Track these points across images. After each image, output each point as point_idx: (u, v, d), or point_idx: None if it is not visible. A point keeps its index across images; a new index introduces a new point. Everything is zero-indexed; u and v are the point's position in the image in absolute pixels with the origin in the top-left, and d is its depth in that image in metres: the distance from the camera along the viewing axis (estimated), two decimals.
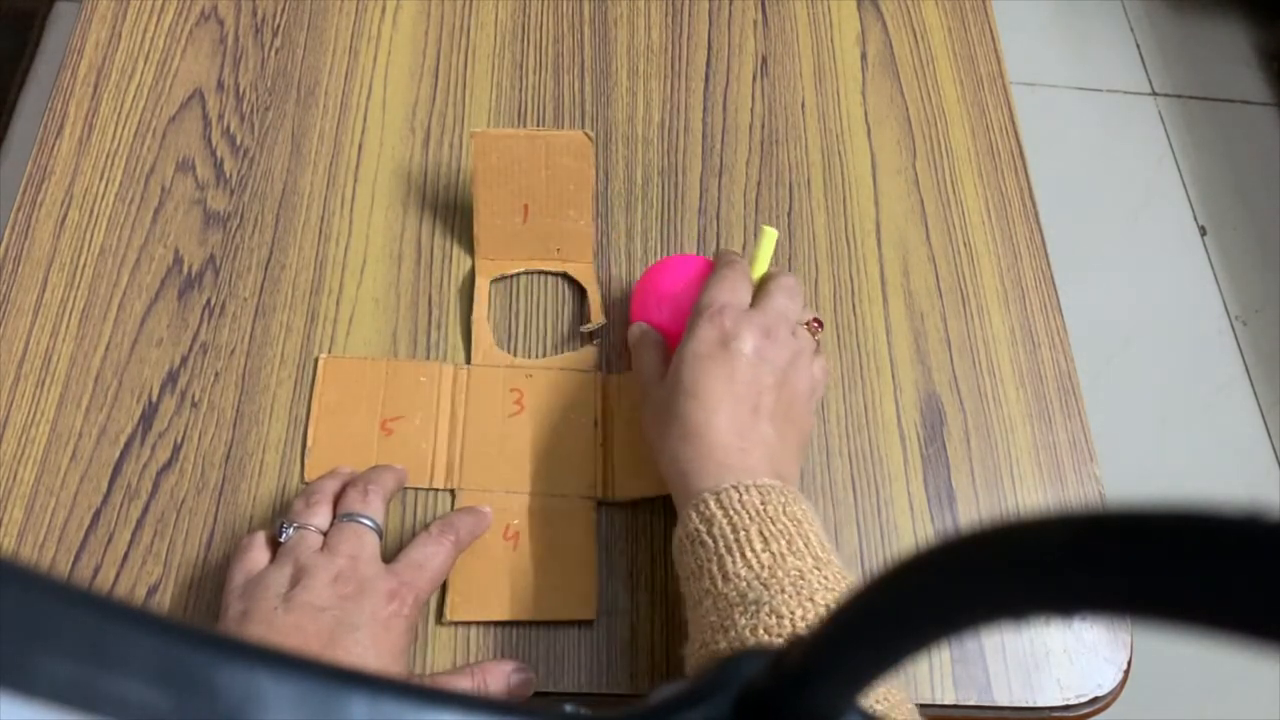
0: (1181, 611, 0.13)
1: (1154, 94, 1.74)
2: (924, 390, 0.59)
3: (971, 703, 0.50)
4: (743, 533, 0.41)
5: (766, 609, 0.39)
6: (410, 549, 0.47)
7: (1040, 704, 0.50)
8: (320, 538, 0.46)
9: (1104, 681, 0.51)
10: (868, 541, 0.54)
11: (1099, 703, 0.51)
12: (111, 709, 0.14)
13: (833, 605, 0.38)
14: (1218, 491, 1.39)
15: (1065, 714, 0.50)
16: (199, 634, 0.15)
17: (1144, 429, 1.42)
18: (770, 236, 0.53)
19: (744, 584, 0.40)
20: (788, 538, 0.41)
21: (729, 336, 0.47)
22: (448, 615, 0.49)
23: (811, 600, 0.39)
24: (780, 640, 0.38)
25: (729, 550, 0.41)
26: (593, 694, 0.49)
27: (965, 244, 0.64)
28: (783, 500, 0.42)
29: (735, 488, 0.42)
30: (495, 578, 0.51)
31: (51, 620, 0.14)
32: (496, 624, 0.50)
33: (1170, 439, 1.42)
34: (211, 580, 0.50)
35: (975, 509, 0.56)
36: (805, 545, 0.41)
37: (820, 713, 0.20)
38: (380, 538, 0.47)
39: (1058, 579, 0.14)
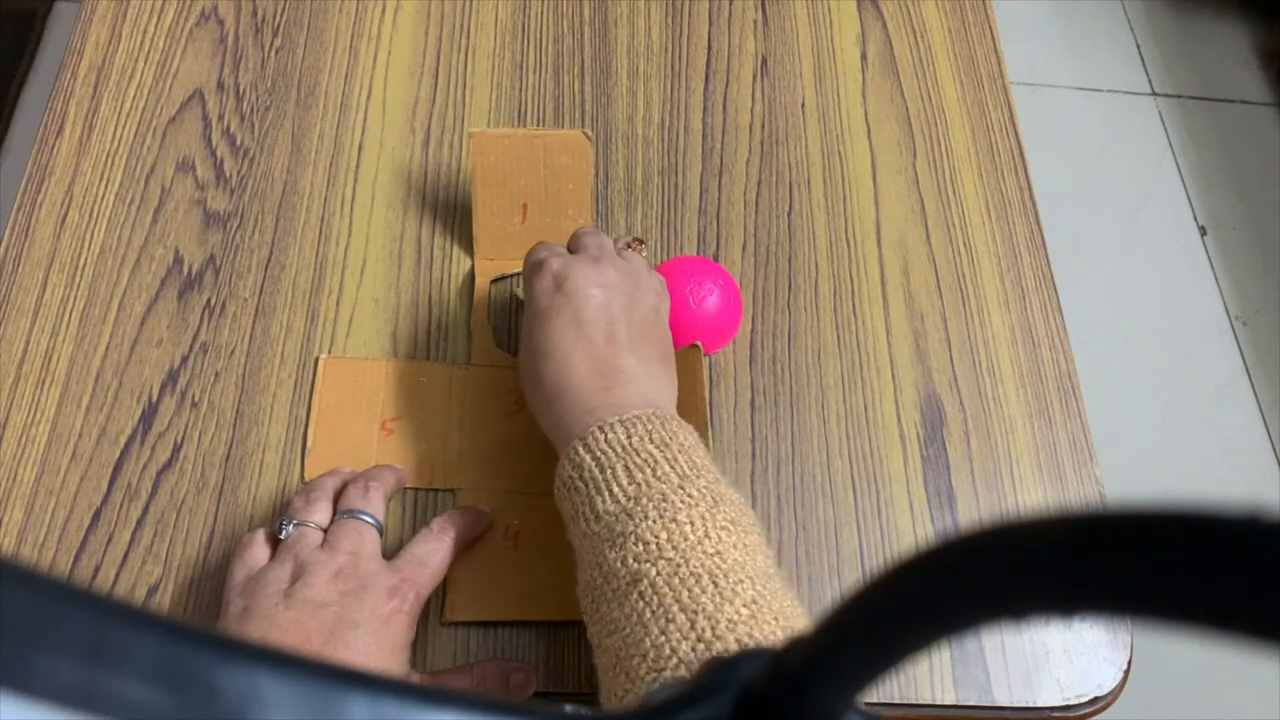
0: (1181, 611, 0.13)
1: (1154, 94, 1.74)
2: (924, 390, 0.59)
3: (971, 703, 0.50)
4: (608, 470, 0.41)
5: (633, 538, 0.39)
6: (411, 545, 0.47)
7: (1040, 704, 0.50)
8: (321, 534, 0.46)
9: (1104, 681, 0.51)
10: (868, 541, 0.54)
11: (1099, 703, 0.51)
12: (111, 709, 0.14)
13: (696, 521, 0.39)
14: (1218, 491, 1.39)
15: (1065, 714, 0.50)
16: (199, 634, 0.15)
17: (1144, 429, 1.42)
18: None
19: (612, 519, 0.40)
20: (652, 464, 0.41)
21: (560, 278, 0.47)
22: (447, 615, 0.49)
23: (675, 520, 0.39)
24: (648, 564, 0.38)
25: (598, 490, 0.41)
26: (593, 694, 0.49)
27: (965, 244, 0.64)
28: (649, 429, 0.42)
29: (600, 427, 0.42)
30: (495, 578, 0.51)
31: (51, 620, 0.14)
32: (496, 624, 0.50)
33: (1170, 439, 1.42)
34: (211, 580, 0.50)
35: (975, 509, 0.56)
36: (672, 467, 0.41)
37: (820, 713, 0.20)
38: (381, 534, 0.47)
39: (1058, 579, 0.14)
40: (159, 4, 0.68)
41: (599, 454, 0.42)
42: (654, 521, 0.39)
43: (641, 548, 0.39)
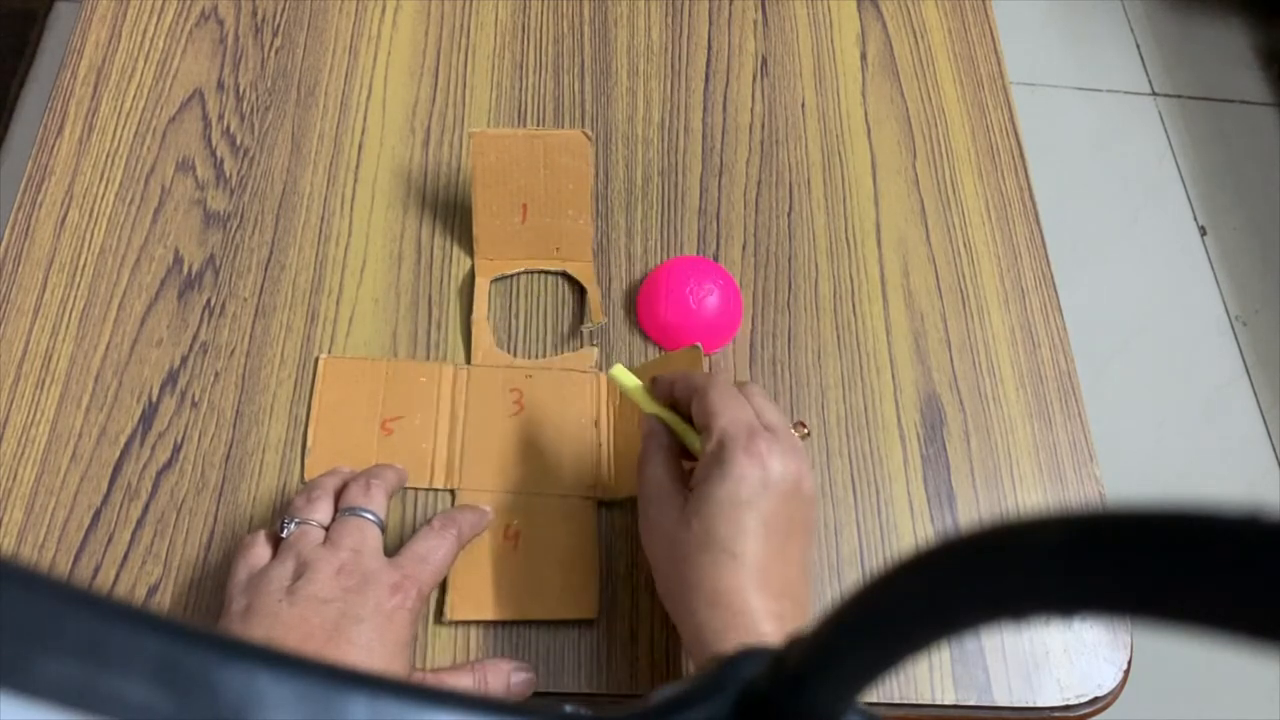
0: (1181, 611, 0.13)
1: (1154, 94, 1.74)
2: (924, 390, 0.59)
3: (971, 703, 0.50)
4: None
5: None
6: (413, 542, 0.47)
7: (1040, 704, 0.50)
8: (322, 532, 0.46)
9: (1104, 681, 0.51)
10: (868, 541, 0.54)
11: (1099, 703, 0.51)
12: (111, 709, 0.14)
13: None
14: (1218, 491, 1.39)
15: (1065, 714, 0.50)
16: (199, 634, 0.15)
17: (1144, 429, 1.42)
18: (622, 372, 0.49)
19: None
20: None
21: (769, 471, 0.41)
22: (448, 615, 0.49)
23: None
24: None
25: None
26: (593, 694, 0.49)
27: (965, 244, 0.64)
28: None
29: None
30: (495, 578, 0.51)
31: (51, 620, 0.14)
32: (496, 624, 0.50)
33: (1170, 439, 1.42)
34: (211, 580, 0.50)
35: (975, 509, 0.56)
36: None
37: (820, 713, 0.20)
38: (383, 531, 0.47)
39: (1057, 579, 0.14)
40: (159, 4, 0.68)
41: None
42: None
43: None
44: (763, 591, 0.40)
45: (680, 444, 0.46)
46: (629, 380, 0.48)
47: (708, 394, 0.44)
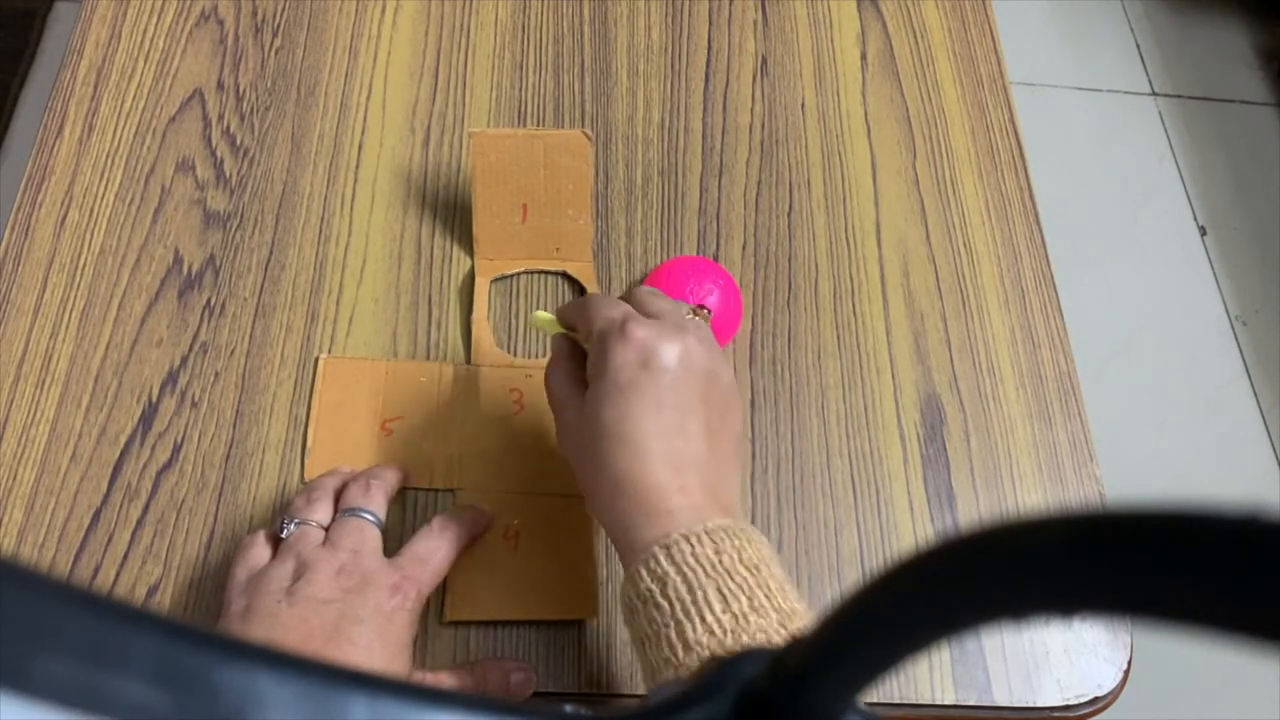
0: (1181, 611, 0.13)
1: (1154, 94, 1.74)
2: (924, 390, 0.59)
3: (971, 703, 0.50)
4: (699, 593, 0.37)
5: None
6: (412, 543, 0.47)
7: (1040, 704, 0.50)
8: (322, 533, 0.46)
9: (1104, 681, 0.51)
10: (868, 541, 0.54)
11: (1099, 703, 0.51)
12: (111, 709, 0.14)
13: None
14: (1218, 491, 1.39)
15: (1065, 714, 0.51)
16: (199, 634, 0.15)
17: (1144, 429, 1.42)
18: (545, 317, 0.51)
19: (706, 652, 0.36)
20: (748, 593, 0.37)
21: (648, 352, 0.42)
22: (447, 615, 0.49)
23: None
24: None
25: (686, 615, 0.37)
26: (593, 694, 0.49)
27: (965, 244, 0.64)
28: (737, 546, 0.38)
29: (686, 538, 0.38)
30: (495, 578, 0.51)
31: (51, 620, 0.14)
32: (496, 624, 0.50)
33: (1170, 439, 1.42)
34: (211, 580, 0.50)
35: (975, 509, 0.56)
36: (767, 598, 0.37)
37: (820, 713, 0.20)
38: (382, 532, 0.47)
39: (1057, 579, 0.14)
40: (159, 4, 0.68)
41: (687, 571, 0.37)
42: None
43: None
44: (663, 468, 0.40)
45: (585, 355, 0.47)
46: (545, 317, 0.50)
47: (584, 306, 0.46)
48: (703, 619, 0.36)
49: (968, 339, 0.61)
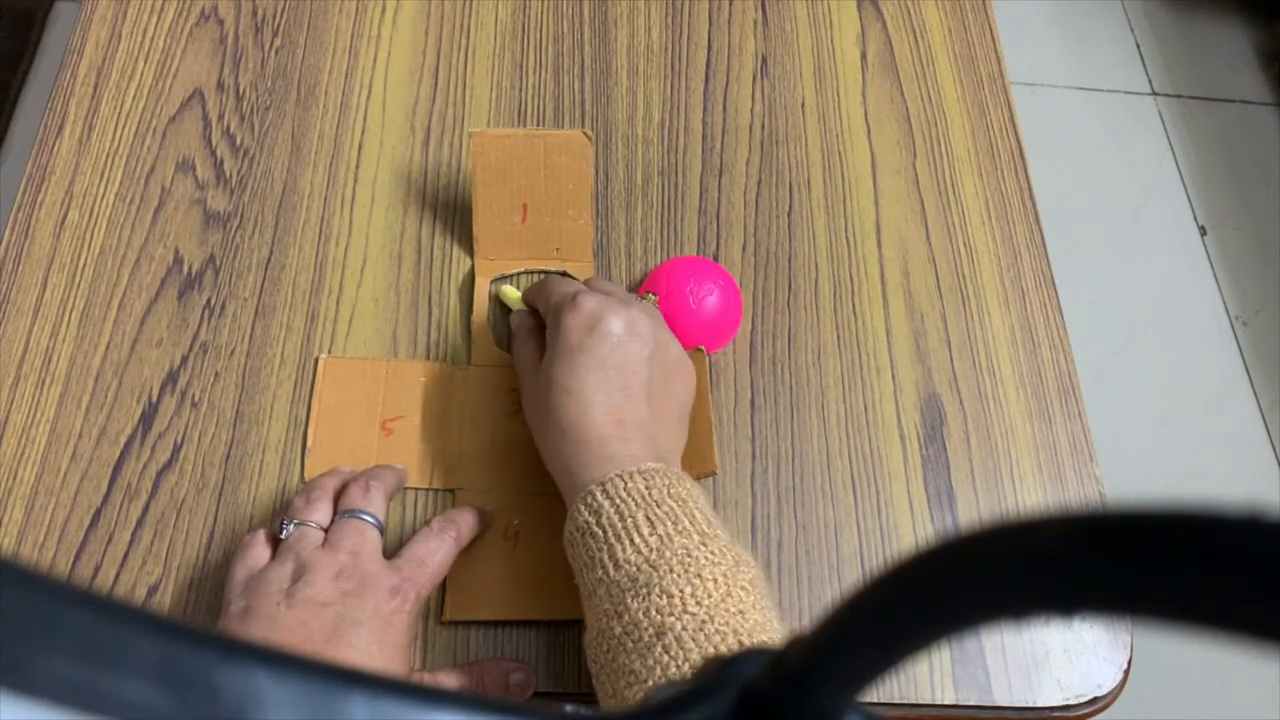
0: (1181, 611, 0.13)
1: (1154, 94, 1.74)
2: (924, 390, 0.59)
3: (971, 703, 0.50)
4: (629, 519, 0.41)
5: (657, 590, 0.40)
6: (412, 544, 0.47)
7: (1040, 704, 0.50)
8: (321, 534, 0.46)
9: (1104, 681, 0.51)
10: (868, 541, 0.54)
11: (1099, 703, 0.51)
12: (111, 709, 0.14)
13: (719, 579, 0.40)
14: (1218, 491, 1.39)
15: (1065, 714, 0.50)
16: (199, 634, 0.15)
17: (1144, 429, 1.42)
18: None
19: (634, 569, 0.41)
20: (674, 519, 0.42)
21: (595, 318, 0.47)
22: (447, 615, 0.49)
23: (699, 576, 0.40)
24: (673, 618, 0.39)
25: (618, 538, 0.41)
26: (593, 694, 0.49)
27: (965, 244, 0.64)
28: (666, 482, 0.43)
29: (620, 476, 0.43)
30: (495, 578, 0.51)
31: (51, 620, 0.14)
32: (496, 624, 0.50)
33: (1170, 439, 1.42)
34: (211, 580, 0.50)
35: (975, 509, 0.56)
36: (691, 523, 0.42)
37: (820, 713, 0.20)
38: (382, 534, 0.47)
39: (1057, 579, 0.14)
40: (159, 4, 0.68)
41: (619, 501, 0.42)
42: (679, 575, 0.40)
43: (666, 600, 0.39)
44: (605, 420, 0.45)
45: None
46: (512, 294, 0.57)
47: (542, 288, 0.53)
48: (631, 540, 0.41)
49: (968, 339, 0.61)
